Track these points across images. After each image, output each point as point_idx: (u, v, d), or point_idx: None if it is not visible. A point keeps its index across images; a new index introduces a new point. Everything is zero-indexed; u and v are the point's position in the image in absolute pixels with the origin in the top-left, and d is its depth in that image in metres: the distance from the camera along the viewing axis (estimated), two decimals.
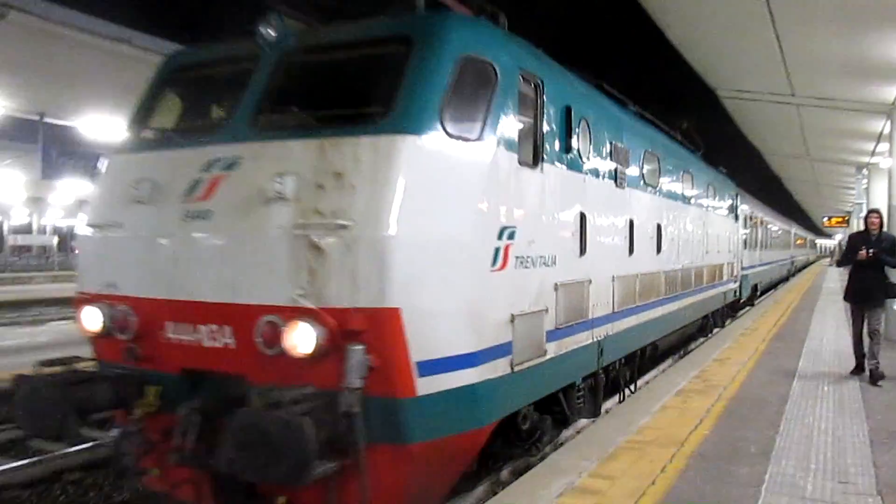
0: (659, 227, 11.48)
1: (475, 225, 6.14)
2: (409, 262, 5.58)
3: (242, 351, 5.82)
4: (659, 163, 11.59)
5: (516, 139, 6.71)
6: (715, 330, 18.49)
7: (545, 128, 7.29)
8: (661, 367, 13.60)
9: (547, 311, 7.29)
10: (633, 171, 10.09)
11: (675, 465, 6.67)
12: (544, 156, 7.26)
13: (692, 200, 14.45)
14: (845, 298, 11.51)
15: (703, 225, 15.46)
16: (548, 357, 7.31)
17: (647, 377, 12.41)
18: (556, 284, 7.47)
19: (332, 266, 5.56)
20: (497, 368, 6.40)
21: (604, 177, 8.92)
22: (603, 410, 9.54)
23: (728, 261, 19.26)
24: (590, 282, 8.38)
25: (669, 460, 6.81)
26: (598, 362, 8.82)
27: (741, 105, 24.35)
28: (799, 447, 7.30)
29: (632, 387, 11.10)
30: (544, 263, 7.23)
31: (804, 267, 66.58)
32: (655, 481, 6.27)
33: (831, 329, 17.35)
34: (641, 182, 10.63)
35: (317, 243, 5.58)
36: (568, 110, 7.74)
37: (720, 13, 14.44)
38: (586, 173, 8.32)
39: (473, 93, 6.33)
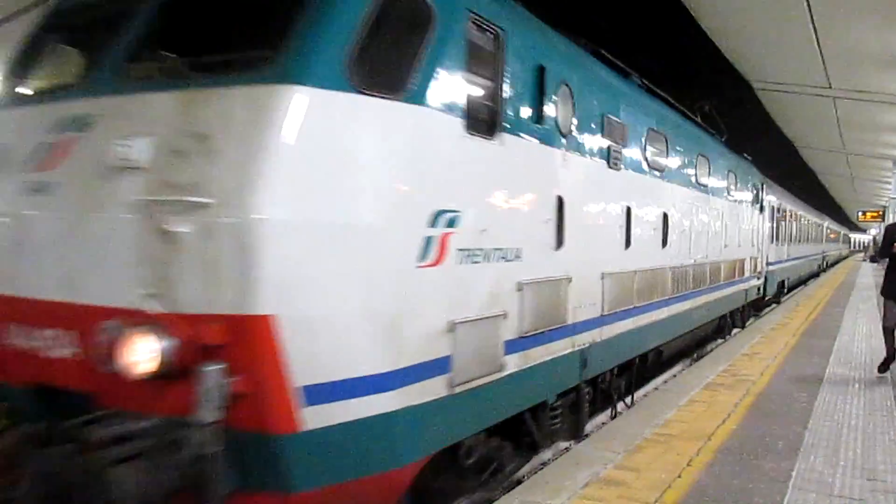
0: (665, 216, 9.46)
1: (392, 207, 4.48)
2: (289, 255, 3.97)
3: (90, 364, 4.22)
4: (667, 143, 9.55)
5: (462, 101, 5.01)
6: (734, 331, 16.18)
7: (506, 90, 5.50)
8: (667, 374, 11.53)
9: (506, 316, 5.52)
10: (632, 150, 8.14)
11: (702, 459, 6.26)
12: (505, 124, 5.43)
13: (708, 188, 12.25)
14: (882, 293, 10.09)
15: (721, 216, 13.24)
16: (506, 372, 5.54)
17: (648, 387, 10.43)
18: (519, 284, 5.68)
19: (185, 258, 3.97)
20: (427, 391, 4.70)
21: (591, 155, 7.01)
22: (589, 429, 7.61)
23: (751, 255, 16.84)
24: (569, 280, 6.52)
25: (696, 454, 6.38)
26: (581, 374, 6.94)
27: (776, 97, 22.57)
28: (828, 443, 6.82)
29: (628, 400, 9.04)
30: (503, 258, 5.44)
31: (837, 262, 62.53)
32: (681, 474, 5.87)
33: (863, 325, 15.98)
34: (643, 164, 8.67)
35: (166, 227, 3.94)
36: (541, 70, 5.90)
37: (757, 3, 13.01)
38: (566, 149, 6.46)
39: (398, 36, 4.68)
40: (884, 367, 10.03)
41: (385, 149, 4.43)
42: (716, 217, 12.75)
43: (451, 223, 4.87)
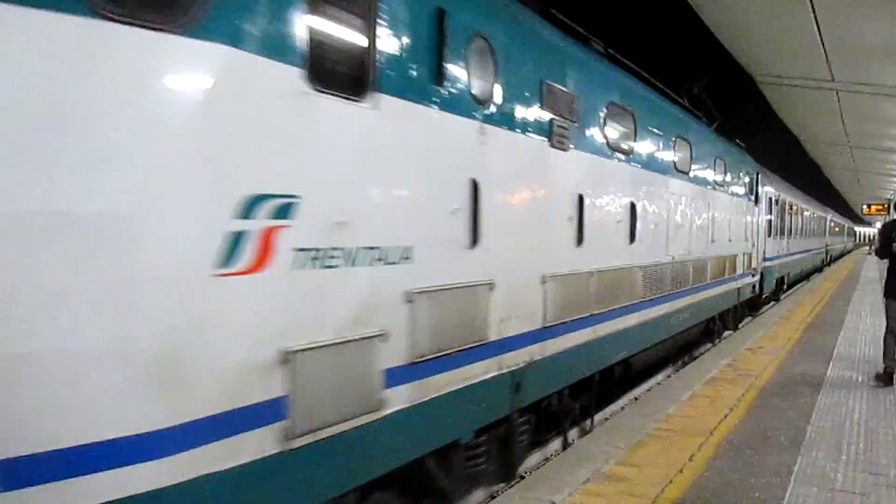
0: (633, 207, 7.69)
1: (163, 188, 2.91)
2: None
3: None
4: (635, 122, 7.76)
5: (301, 44, 3.43)
6: (726, 333, 14.08)
7: (384, 36, 3.84)
8: (639, 389, 9.67)
9: (386, 336, 3.89)
10: (585, 127, 6.46)
11: (704, 454, 5.91)
12: (383, 82, 3.72)
13: (690, 176, 10.30)
14: (885, 294, 8.94)
15: (707, 207, 11.27)
16: (389, 411, 3.92)
17: (614, 406, 8.62)
18: (408, 293, 4.06)
19: None
20: (241, 450, 3.15)
21: (525, 130, 5.36)
22: (525, 468, 5.92)
23: (744, 251, 14.68)
24: (490, 286, 4.87)
25: (698, 449, 6.02)
26: (513, 402, 5.23)
27: (779, 91, 21.09)
28: (830, 438, 6.42)
29: (587, 423, 7.25)
30: (380, 259, 3.80)
31: (841, 256, 59.04)
32: (683, 470, 5.53)
33: (868, 319, 14.94)
34: (602, 145, 6.96)
35: None
36: (441, 15, 4.27)
37: None
38: (485, 121, 4.75)
39: None
40: (887, 378, 8.55)
41: (153, 103, 2.81)
42: (700, 208, 10.82)
43: (281, 213, 3.24)
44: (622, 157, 7.41)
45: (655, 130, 8.50)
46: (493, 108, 4.93)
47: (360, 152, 3.76)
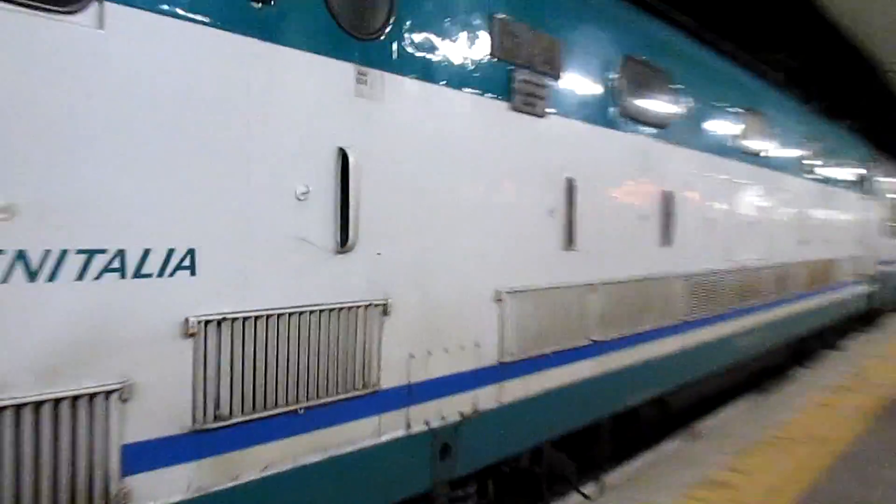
0: (668, 197, 5.51)
1: None
2: None
3: None
4: (671, 85, 5.54)
5: None
6: (830, 353, 10.69)
7: None
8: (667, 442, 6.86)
9: (130, 391, 2.20)
10: (579, 86, 4.45)
11: (819, 464, 5.30)
12: None
13: (768, 161, 7.69)
14: None
15: (792, 200, 8.56)
16: None
17: (640, 460, 6.19)
18: (191, 324, 2.44)
19: None
20: None
21: (455, 83, 3.58)
22: None
23: (850, 254, 11.47)
24: (383, 307, 3.12)
25: (814, 459, 5.43)
26: (437, 472, 3.43)
27: None
28: None
29: (594, 483, 5.15)
30: (115, 270, 2.31)
31: None
32: (795, 479, 4.97)
33: None
34: (611, 112, 4.84)
35: None
36: None
37: None
38: (368, 63, 3.04)
39: None
40: None
41: None
42: (782, 201, 8.19)
43: None
44: (648, 130, 5.26)
45: (709, 99, 6.21)
46: (385, 47, 3.13)
47: (63, 94, 2.14)
